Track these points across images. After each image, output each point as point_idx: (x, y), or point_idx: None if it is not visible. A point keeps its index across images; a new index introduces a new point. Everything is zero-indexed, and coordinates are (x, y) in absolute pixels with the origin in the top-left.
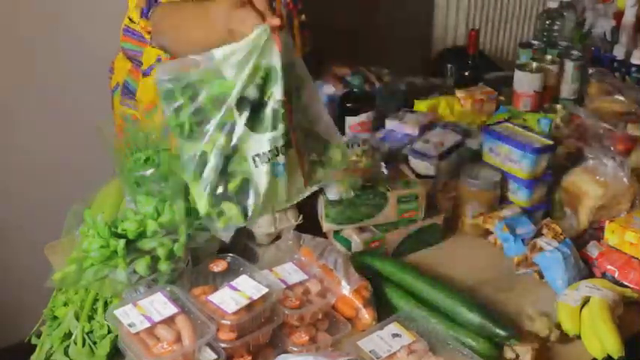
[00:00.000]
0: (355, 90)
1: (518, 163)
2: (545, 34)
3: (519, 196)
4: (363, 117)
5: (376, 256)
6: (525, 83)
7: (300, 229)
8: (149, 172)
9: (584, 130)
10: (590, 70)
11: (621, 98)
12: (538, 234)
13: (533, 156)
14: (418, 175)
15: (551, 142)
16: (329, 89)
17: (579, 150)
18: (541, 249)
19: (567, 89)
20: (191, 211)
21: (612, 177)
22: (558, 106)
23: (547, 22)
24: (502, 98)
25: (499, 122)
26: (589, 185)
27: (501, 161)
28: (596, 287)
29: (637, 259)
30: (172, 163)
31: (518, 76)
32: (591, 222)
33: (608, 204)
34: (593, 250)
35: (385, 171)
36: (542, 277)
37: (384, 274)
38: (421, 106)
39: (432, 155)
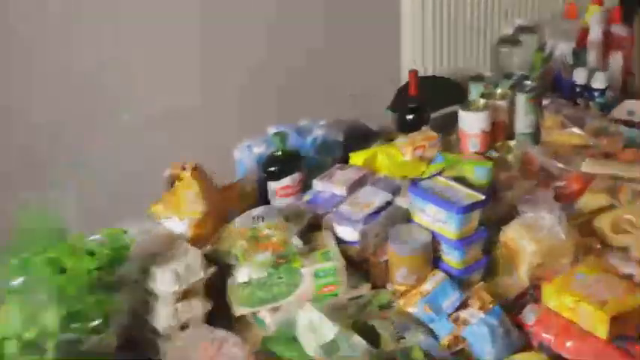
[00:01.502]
0: (277, 153)
1: (445, 224)
2: (500, 63)
3: (452, 258)
4: (286, 181)
5: (285, 342)
6: (471, 123)
7: (212, 315)
8: (18, 281)
9: (537, 171)
10: (545, 102)
11: (577, 131)
12: (464, 305)
13: (460, 216)
14: (345, 242)
15: (482, 197)
16: (259, 148)
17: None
18: (465, 322)
19: (522, 123)
20: (75, 316)
21: (548, 232)
22: (512, 143)
23: (503, 50)
24: (454, 137)
25: (432, 175)
26: (525, 241)
27: (430, 221)
28: None
29: (576, 324)
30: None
31: (463, 116)
32: (533, 279)
33: (546, 261)
34: (529, 315)
35: (299, 244)
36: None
37: None
38: (357, 158)
39: (357, 219)
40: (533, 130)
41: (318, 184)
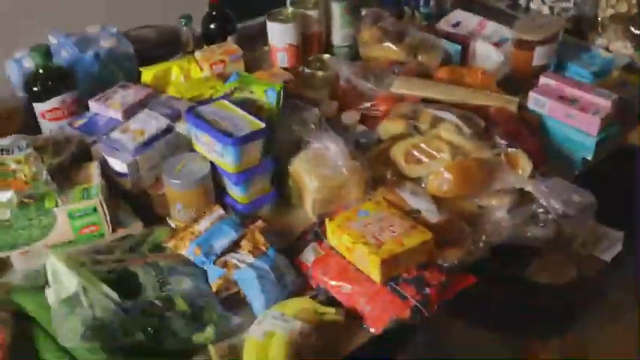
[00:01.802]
0: (39, 70)
1: (222, 156)
2: None
3: (235, 192)
4: (54, 102)
5: (31, 293)
6: (278, 36)
7: None
8: None
9: (348, 89)
10: (364, 11)
11: (392, 47)
12: (233, 247)
13: (235, 148)
14: (119, 174)
15: (262, 126)
16: (30, 62)
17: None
18: (236, 267)
19: (339, 36)
20: None
21: (332, 166)
22: (326, 57)
23: None
24: (267, 49)
25: (215, 99)
26: (307, 176)
27: (207, 151)
28: (283, 317)
29: (353, 265)
30: None
31: (270, 27)
32: (319, 215)
33: (332, 196)
34: (309, 255)
35: (49, 180)
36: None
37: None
38: (148, 74)
39: (126, 149)
40: (351, 44)
41: (95, 106)
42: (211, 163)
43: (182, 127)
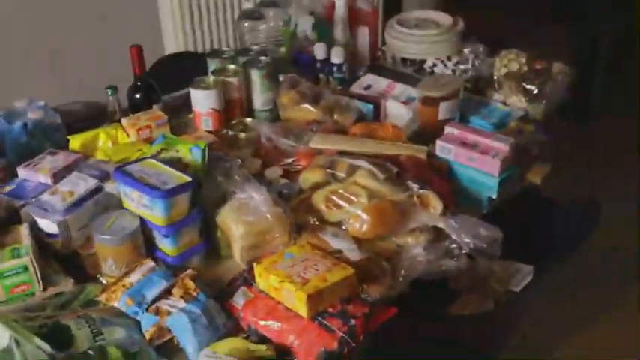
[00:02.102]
0: None
1: (150, 209)
2: (243, 38)
3: (165, 245)
4: None
5: None
6: (202, 101)
7: None
8: None
9: (270, 148)
10: (281, 78)
11: (310, 108)
12: (165, 294)
13: (163, 200)
14: (50, 235)
15: (188, 179)
16: None
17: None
18: (168, 312)
19: (259, 100)
20: None
21: (256, 214)
22: (248, 121)
23: (245, 25)
24: (192, 116)
25: (142, 159)
26: (234, 224)
27: (136, 207)
28: (215, 355)
29: (282, 304)
30: None
31: (193, 94)
32: (248, 261)
33: (258, 242)
34: (239, 298)
35: None
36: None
37: None
38: (75, 142)
39: (56, 210)
40: (271, 107)
41: (23, 172)
42: (141, 218)
43: (111, 187)
